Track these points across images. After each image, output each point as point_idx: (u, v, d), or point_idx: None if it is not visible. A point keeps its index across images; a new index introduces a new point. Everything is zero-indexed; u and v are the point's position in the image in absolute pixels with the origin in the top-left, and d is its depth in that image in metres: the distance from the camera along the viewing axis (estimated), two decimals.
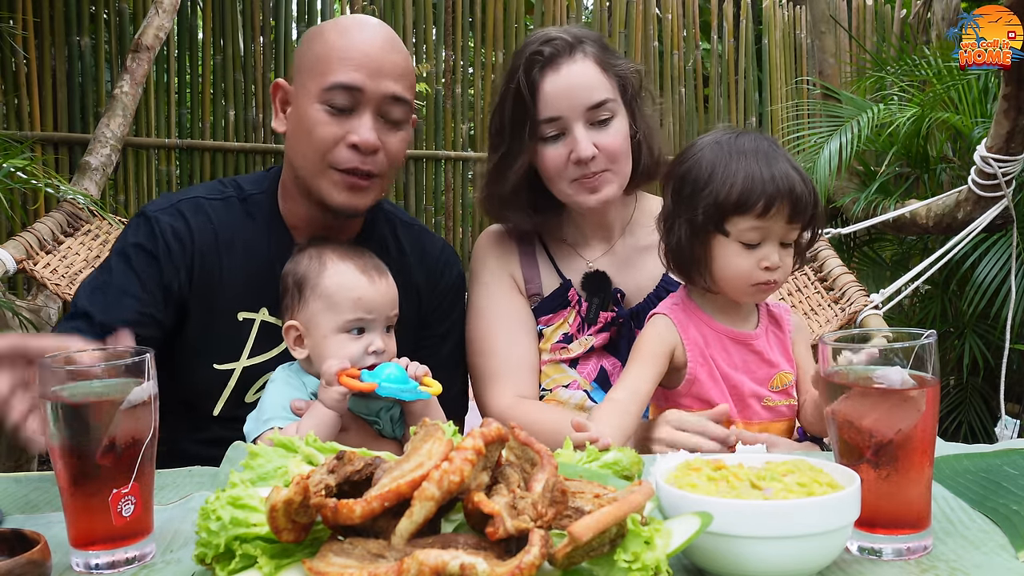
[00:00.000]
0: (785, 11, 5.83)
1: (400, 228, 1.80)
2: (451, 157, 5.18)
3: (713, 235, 1.50)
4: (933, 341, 1.01)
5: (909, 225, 3.72)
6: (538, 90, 1.67)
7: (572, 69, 1.66)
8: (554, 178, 1.71)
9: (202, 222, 1.64)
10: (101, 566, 0.97)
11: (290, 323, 1.54)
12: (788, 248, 1.52)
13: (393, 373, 1.46)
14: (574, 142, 1.65)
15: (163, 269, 1.60)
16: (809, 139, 4.09)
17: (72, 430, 0.97)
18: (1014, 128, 2.88)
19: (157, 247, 1.60)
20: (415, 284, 1.75)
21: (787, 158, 1.52)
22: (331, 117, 1.54)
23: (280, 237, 1.67)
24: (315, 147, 1.55)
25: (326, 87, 1.54)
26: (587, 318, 1.74)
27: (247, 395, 1.64)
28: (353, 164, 1.55)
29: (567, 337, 1.76)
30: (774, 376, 1.57)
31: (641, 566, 0.80)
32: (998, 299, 3.51)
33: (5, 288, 3.22)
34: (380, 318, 1.53)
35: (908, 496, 0.98)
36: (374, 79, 1.54)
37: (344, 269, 1.52)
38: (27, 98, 4.33)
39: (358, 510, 0.83)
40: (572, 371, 1.75)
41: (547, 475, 0.88)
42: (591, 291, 1.76)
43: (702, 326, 1.56)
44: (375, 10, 5.00)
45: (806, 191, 1.49)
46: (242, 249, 1.65)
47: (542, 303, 1.80)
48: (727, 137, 1.54)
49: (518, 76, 1.68)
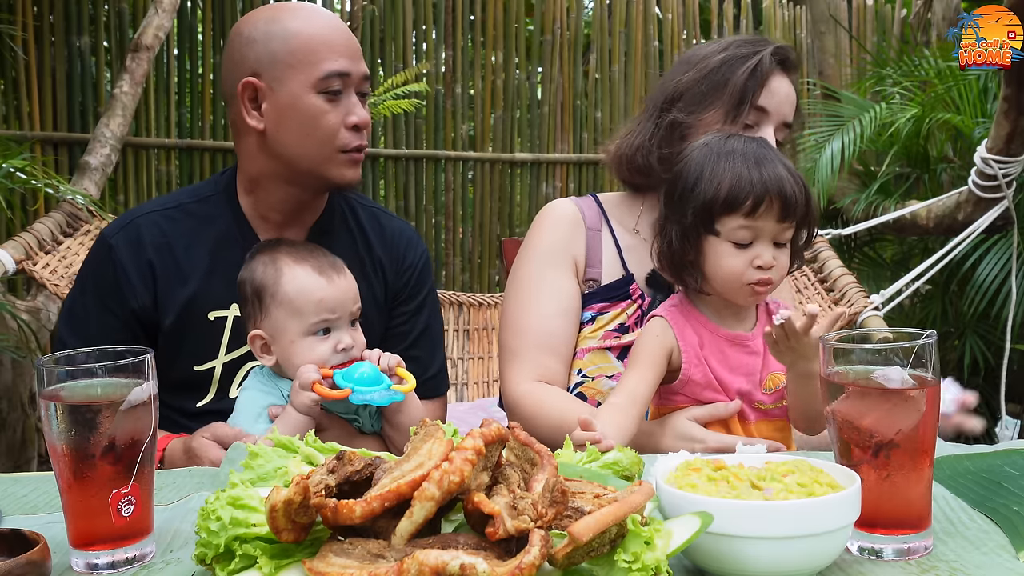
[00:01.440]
0: (785, 11, 5.83)
1: (358, 208, 1.83)
2: (451, 157, 5.18)
3: (704, 236, 1.51)
4: (933, 341, 1.01)
5: (909, 226, 3.73)
6: (765, 83, 1.71)
7: (789, 87, 1.76)
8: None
9: (156, 236, 1.67)
10: (101, 566, 0.97)
11: (254, 332, 1.54)
12: (783, 247, 1.52)
13: (366, 372, 1.46)
14: (764, 131, 1.70)
15: (125, 294, 1.64)
16: (809, 139, 4.09)
17: (72, 430, 0.97)
18: (1014, 130, 2.88)
19: (117, 273, 1.65)
20: (378, 259, 1.78)
21: (779, 158, 1.52)
22: (330, 104, 1.61)
23: (243, 232, 1.70)
24: (323, 135, 1.61)
25: (322, 76, 1.59)
26: (648, 312, 1.72)
27: (231, 390, 1.67)
28: (356, 143, 1.64)
29: (623, 328, 1.74)
30: (767, 377, 1.56)
31: (641, 566, 0.80)
32: (999, 300, 3.51)
33: (4, 289, 3.22)
34: (344, 315, 1.53)
35: (908, 496, 0.98)
36: (355, 62, 1.63)
37: (301, 272, 1.52)
38: (27, 98, 4.33)
39: (358, 510, 0.83)
40: (618, 362, 1.74)
41: (547, 475, 0.88)
42: (656, 287, 1.75)
43: (699, 328, 1.56)
44: (375, 10, 5.00)
45: (796, 190, 1.48)
46: (204, 252, 1.68)
47: (599, 290, 1.77)
48: (717, 139, 1.56)
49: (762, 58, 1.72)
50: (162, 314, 1.65)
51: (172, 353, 1.65)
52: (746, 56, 1.72)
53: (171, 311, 1.64)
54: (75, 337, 1.62)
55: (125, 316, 1.65)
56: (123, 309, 1.64)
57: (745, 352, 1.56)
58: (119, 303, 1.65)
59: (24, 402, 3.15)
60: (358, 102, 1.64)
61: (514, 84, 5.29)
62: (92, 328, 1.64)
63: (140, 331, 1.65)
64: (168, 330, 1.65)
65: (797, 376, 1.48)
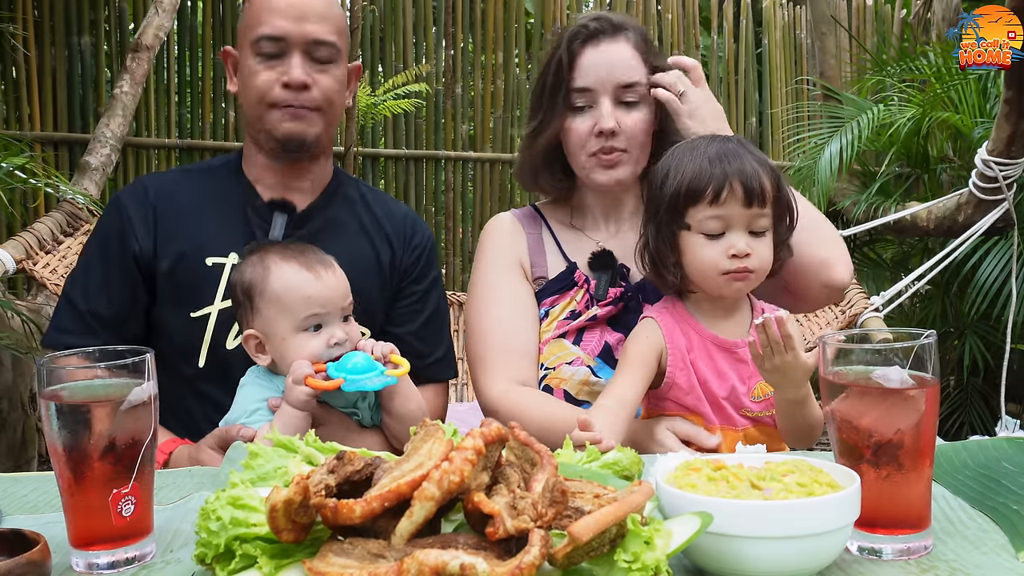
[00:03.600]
0: (785, 11, 5.83)
1: (364, 189, 1.91)
2: (451, 157, 5.18)
3: (678, 232, 1.52)
4: (933, 341, 1.01)
5: (909, 228, 3.73)
6: (576, 61, 1.75)
7: (611, 47, 1.75)
8: (575, 151, 1.77)
9: (162, 188, 1.78)
10: (101, 566, 0.97)
11: (248, 332, 1.55)
12: (760, 236, 1.51)
13: (359, 362, 1.47)
14: (599, 115, 1.73)
15: (127, 238, 1.71)
16: (809, 141, 4.09)
17: (72, 430, 0.97)
18: (1015, 132, 2.88)
19: (123, 223, 1.72)
20: (387, 234, 1.83)
21: (748, 152, 1.52)
22: (263, 64, 1.69)
23: (244, 190, 1.78)
24: (256, 92, 1.70)
25: (254, 39, 1.69)
26: (596, 295, 1.77)
27: (227, 341, 1.68)
28: (287, 101, 1.69)
29: (574, 314, 1.77)
30: (755, 386, 1.56)
31: (641, 566, 0.80)
32: (999, 301, 3.51)
33: (5, 288, 3.22)
34: (334, 310, 1.54)
35: (908, 496, 0.98)
36: (297, 24, 1.68)
37: (288, 269, 1.53)
38: (27, 98, 4.33)
39: (358, 510, 0.83)
40: (575, 348, 1.75)
41: (547, 475, 0.88)
42: (598, 269, 1.79)
43: (689, 331, 1.56)
44: (375, 10, 5.00)
45: (762, 174, 1.49)
46: (206, 203, 1.76)
47: (547, 285, 1.82)
48: (688, 141, 1.59)
49: (560, 46, 1.77)
50: (160, 257, 1.70)
51: (169, 298, 1.70)
52: (555, 50, 1.79)
53: (169, 254, 1.70)
54: (78, 289, 1.71)
55: (125, 263, 1.70)
56: (124, 255, 1.70)
57: (734, 358, 1.56)
58: (121, 249, 1.71)
59: (24, 402, 3.15)
60: (299, 63, 1.68)
61: (514, 84, 5.30)
62: (94, 277, 1.71)
63: (139, 277, 1.70)
64: (165, 273, 1.69)
65: (783, 400, 1.48)
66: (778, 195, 1.52)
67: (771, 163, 1.55)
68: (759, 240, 1.51)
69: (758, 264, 1.51)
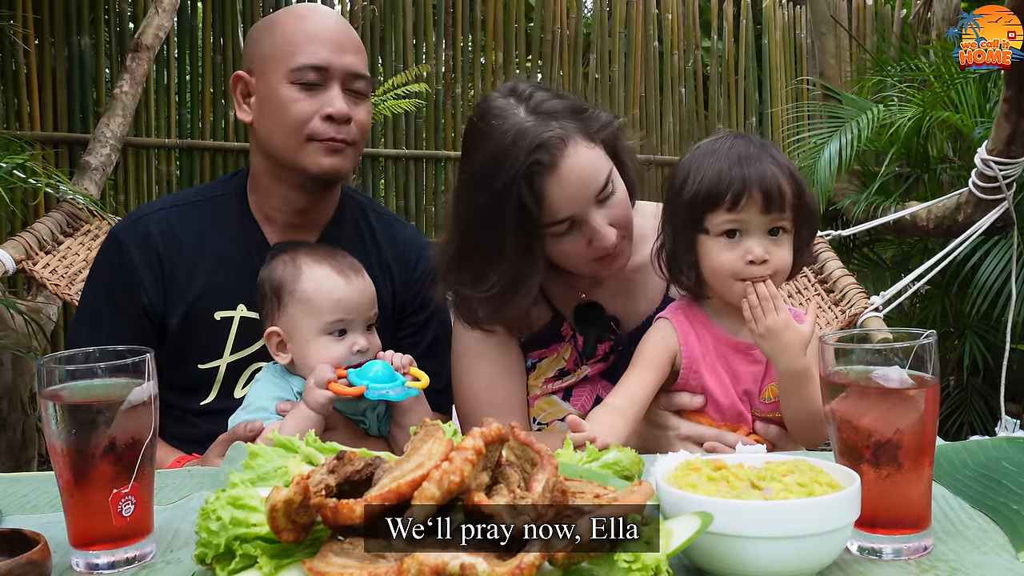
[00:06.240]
0: (785, 11, 5.84)
1: (371, 215, 1.85)
2: (451, 157, 5.18)
3: (696, 236, 1.51)
4: (933, 341, 1.01)
5: (909, 227, 3.72)
6: (543, 198, 1.50)
7: (570, 163, 1.49)
8: (574, 263, 1.61)
9: (166, 232, 1.69)
10: (101, 566, 0.97)
11: (271, 329, 1.55)
12: (779, 243, 1.49)
13: (380, 371, 1.47)
14: (594, 232, 1.53)
15: (135, 291, 1.66)
16: (809, 140, 4.09)
17: (72, 430, 0.97)
18: (1015, 131, 2.87)
19: (127, 273, 1.67)
20: (388, 267, 1.79)
21: (772, 156, 1.50)
22: (303, 93, 1.62)
23: (251, 233, 1.72)
24: (292, 122, 1.62)
25: (295, 67, 1.61)
26: (584, 352, 1.69)
27: (236, 390, 1.67)
28: (330, 134, 1.63)
29: (563, 372, 1.71)
30: (766, 387, 1.56)
31: (641, 566, 0.80)
32: (999, 301, 3.51)
33: (5, 288, 3.22)
34: (360, 318, 1.54)
35: (908, 496, 0.98)
36: (338, 56, 1.63)
37: (320, 272, 1.53)
38: (27, 98, 4.33)
39: (358, 510, 0.83)
40: (566, 404, 1.70)
41: (547, 475, 0.88)
42: (585, 324, 1.70)
43: (704, 333, 1.55)
44: (375, 10, 5.00)
45: (780, 181, 1.46)
46: (212, 251, 1.69)
47: (533, 337, 1.71)
48: (711, 141, 1.56)
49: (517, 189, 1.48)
50: (170, 311, 1.66)
51: (178, 352, 1.66)
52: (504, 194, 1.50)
53: (178, 309, 1.66)
54: (87, 339, 1.60)
55: (136, 314, 1.66)
56: (134, 307, 1.66)
57: (748, 360, 1.55)
58: (130, 301, 1.66)
59: (24, 402, 3.15)
60: (339, 95, 1.63)
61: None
62: (104, 329, 1.65)
63: (151, 330, 1.66)
64: (175, 329, 1.66)
65: (784, 378, 1.48)
66: (798, 200, 1.50)
67: (792, 166, 1.51)
68: (777, 244, 1.49)
69: (775, 269, 1.49)
